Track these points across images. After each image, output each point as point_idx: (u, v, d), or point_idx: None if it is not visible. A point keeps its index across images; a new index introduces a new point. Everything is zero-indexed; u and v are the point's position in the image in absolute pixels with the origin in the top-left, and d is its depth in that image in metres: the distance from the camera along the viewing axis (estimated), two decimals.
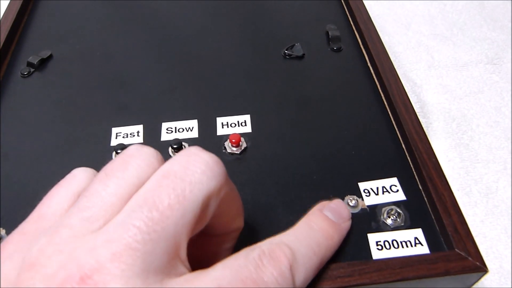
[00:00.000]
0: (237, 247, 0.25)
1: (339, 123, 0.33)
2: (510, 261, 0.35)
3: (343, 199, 0.28)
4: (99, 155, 0.30)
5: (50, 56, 0.39)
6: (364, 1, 0.44)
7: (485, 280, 0.34)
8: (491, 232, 0.37)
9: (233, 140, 0.30)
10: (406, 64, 0.52)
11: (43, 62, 0.38)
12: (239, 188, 0.28)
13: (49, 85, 0.36)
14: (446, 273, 0.24)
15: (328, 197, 0.28)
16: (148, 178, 0.17)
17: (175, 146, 0.29)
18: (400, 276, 0.24)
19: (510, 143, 0.43)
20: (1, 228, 0.27)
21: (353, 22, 0.42)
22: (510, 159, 0.42)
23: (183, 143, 0.30)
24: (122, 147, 0.29)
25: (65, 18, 0.44)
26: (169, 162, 0.17)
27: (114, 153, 0.30)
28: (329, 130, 0.32)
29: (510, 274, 0.34)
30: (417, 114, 0.45)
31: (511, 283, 0.34)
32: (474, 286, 0.29)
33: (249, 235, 0.26)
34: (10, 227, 0.26)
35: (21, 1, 0.43)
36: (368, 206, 0.28)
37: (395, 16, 0.59)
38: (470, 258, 0.24)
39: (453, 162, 0.42)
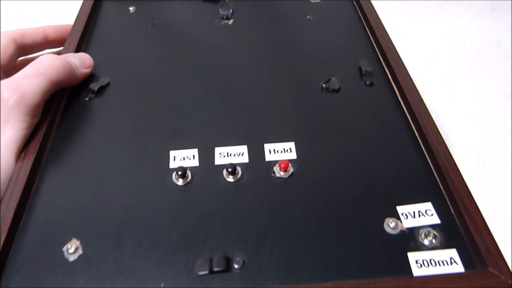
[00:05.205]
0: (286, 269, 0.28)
1: (375, 152, 0.36)
2: None
3: (383, 221, 0.31)
4: (159, 176, 0.33)
5: (108, 84, 0.42)
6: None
7: None
8: None
9: (282, 166, 0.33)
10: (429, 97, 0.55)
11: (102, 88, 0.42)
12: (286, 211, 0.31)
13: (108, 110, 0.40)
14: None
15: (370, 218, 0.31)
16: None
17: (229, 170, 0.33)
18: None
19: None
20: (75, 239, 0.30)
21: (383, 59, 0.45)
22: None
23: (237, 167, 0.33)
24: (183, 169, 0.32)
25: (121, 48, 0.48)
26: None
27: (174, 174, 0.33)
28: (366, 158, 0.35)
29: None
30: None
31: None
32: None
33: (297, 256, 0.29)
34: (84, 238, 0.30)
35: (79, 35, 0.47)
36: (406, 228, 0.30)
37: (417, 52, 0.63)
38: (502, 276, 0.27)
39: (476, 190, 0.44)
